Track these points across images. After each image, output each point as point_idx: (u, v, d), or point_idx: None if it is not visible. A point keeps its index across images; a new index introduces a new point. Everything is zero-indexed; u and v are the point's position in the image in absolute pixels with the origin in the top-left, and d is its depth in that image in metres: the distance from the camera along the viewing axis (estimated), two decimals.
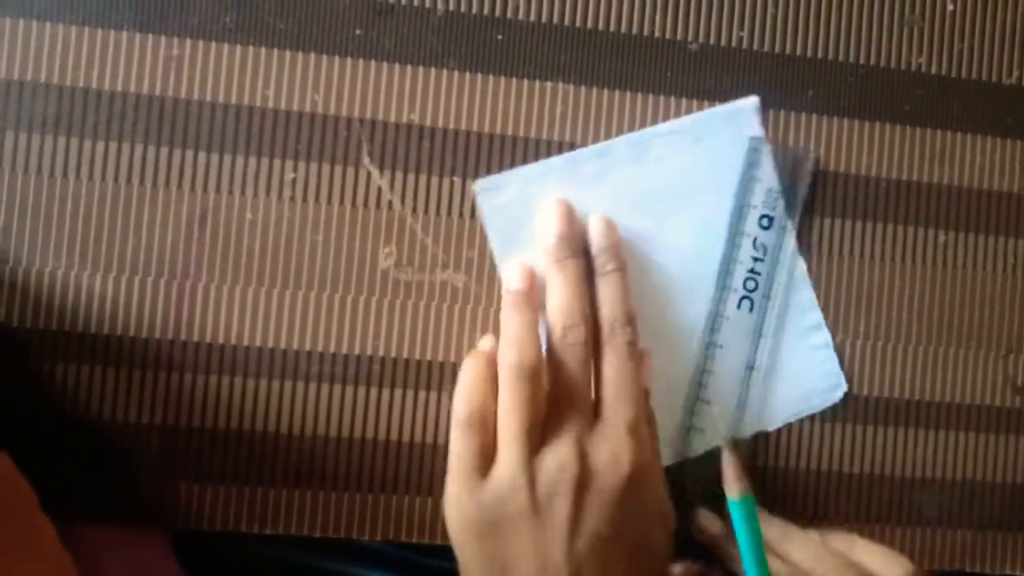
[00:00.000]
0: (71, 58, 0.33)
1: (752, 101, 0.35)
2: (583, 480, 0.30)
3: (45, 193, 0.32)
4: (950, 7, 0.37)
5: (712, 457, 0.35)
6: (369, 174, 0.34)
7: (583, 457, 0.31)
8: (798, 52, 0.36)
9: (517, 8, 0.34)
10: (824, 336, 0.36)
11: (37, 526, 0.29)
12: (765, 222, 0.35)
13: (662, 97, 0.35)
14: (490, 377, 0.32)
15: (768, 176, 0.35)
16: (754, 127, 0.35)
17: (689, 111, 0.35)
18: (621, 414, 0.32)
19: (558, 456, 0.30)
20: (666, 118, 0.35)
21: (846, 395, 0.36)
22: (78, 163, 0.33)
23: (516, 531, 0.30)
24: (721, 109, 0.35)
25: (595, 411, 0.32)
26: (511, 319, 0.32)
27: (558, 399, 0.32)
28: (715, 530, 0.35)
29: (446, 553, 0.42)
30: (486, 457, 0.31)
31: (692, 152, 0.35)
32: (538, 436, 0.31)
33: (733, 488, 0.34)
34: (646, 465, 0.31)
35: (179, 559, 0.38)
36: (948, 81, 0.37)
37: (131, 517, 0.33)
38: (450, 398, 0.34)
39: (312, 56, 0.34)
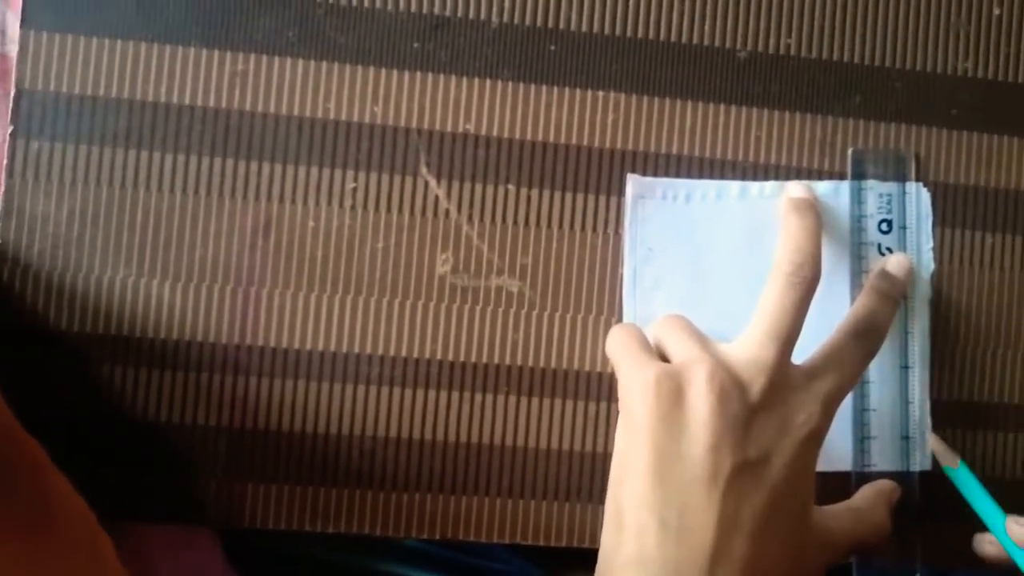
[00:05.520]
0: (141, 74, 0.34)
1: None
2: (766, 405, 0.30)
3: (116, 204, 0.34)
4: (996, 12, 0.37)
5: None
6: (426, 183, 0.35)
7: (773, 385, 0.30)
8: (845, 58, 0.36)
9: (569, 19, 0.35)
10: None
11: (98, 543, 0.29)
12: (884, 226, 0.36)
13: (712, 104, 0.36)
14: None
15: (876, 183, 0.36)
16: None
17: (739, 118, 0.36)
18: (828, 380, 0.31)
19: (750, 369, 0.30)
20: (715, 125, 0.36)
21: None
22: (148, 175, 0.34)
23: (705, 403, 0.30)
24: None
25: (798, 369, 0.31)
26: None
27: (765, 322, 0.31)
28: (996, 552, 0.35)
29: (494, 554, 0.43)
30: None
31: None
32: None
33: (949, 459, 0.35)
34: (818, 440, 0.31)
35: (228, 559, 0.39)
36: (995, 85, 0.37)
37: (197, 517, 0.34)
38: (506, 400, 0.35)
39: (371, 69, 0.35)
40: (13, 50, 0.45)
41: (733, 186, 0.35)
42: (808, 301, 0.31)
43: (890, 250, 0.36)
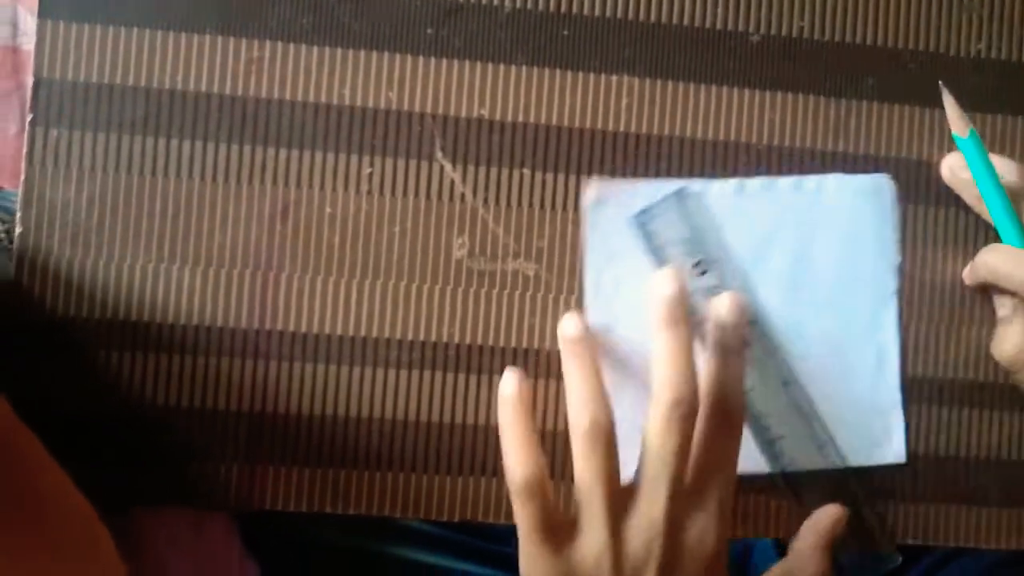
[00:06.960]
0: (158, 62, 0.34)
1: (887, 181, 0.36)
2: (670, 561, 0.31)
3: (135, 191, 0.34)
4: None
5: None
6: (442, 167, 0.35)
7: (671, 535, 0.31)
8: (858, 40, 0.36)
9: (583, 4, 0.35)
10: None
11: (97, 538, 0.30)
12: (699, 270, 0.35)
13: (725, 88, 0.36)
14: (530, 429, 0.31)
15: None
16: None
17: (752, 101, 0.36)
18: (715, 491, 0.31)
19: (646, 534, 0.30)
20: (729, 109, 0.36)
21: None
22: (166, 162, 0.34)
23: None
24: (857, 181, 0.36)
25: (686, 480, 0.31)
26: (573, 372, 0.32)
27: (651, 469, 0.30)
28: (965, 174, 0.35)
29: (508, 538, 0.43)
30: (555, 520, 0.31)
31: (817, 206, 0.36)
32: (621, 503, 0.31)
33: (960, 125, 0.34)
34: (724, 547, 0.32)
35: (245, 545, 0.39)
36: (1008, 66, 0.37)
37: (217, 501, 0.34)
38: None
39: (386, 55, 0.35)
40: (25, 43, 0.46)
41: (695, 184, 0.35)
42: (691, 433, 0.31)
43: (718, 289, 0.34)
